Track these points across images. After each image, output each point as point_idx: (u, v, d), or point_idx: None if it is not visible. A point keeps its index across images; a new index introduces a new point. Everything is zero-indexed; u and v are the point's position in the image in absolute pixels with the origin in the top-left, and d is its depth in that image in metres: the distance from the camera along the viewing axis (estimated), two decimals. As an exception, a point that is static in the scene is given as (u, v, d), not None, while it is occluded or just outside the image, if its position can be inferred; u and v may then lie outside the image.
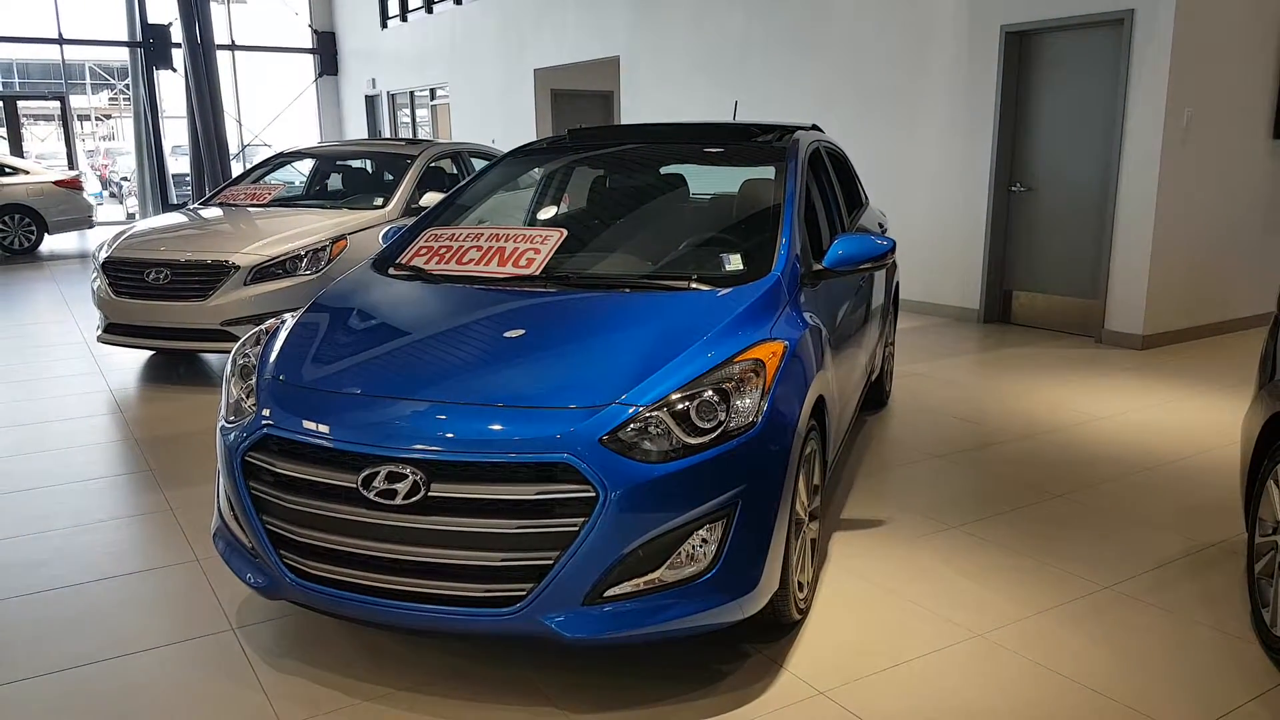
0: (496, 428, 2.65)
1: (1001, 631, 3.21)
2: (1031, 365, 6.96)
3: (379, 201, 7.36)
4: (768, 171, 4.05)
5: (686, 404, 2.71)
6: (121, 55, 19.74)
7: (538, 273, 3.53)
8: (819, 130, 4.93)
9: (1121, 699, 2.83)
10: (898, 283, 6.06)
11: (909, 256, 8.74)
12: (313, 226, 6.77)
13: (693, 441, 2.67)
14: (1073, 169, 7.83)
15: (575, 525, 2.56)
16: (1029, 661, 3.03)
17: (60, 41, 17.91)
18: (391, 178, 7.81)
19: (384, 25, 18.71)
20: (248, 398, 3.02)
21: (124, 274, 6.52)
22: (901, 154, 8.96)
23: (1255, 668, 3.01)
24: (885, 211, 7.34)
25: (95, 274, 6.71)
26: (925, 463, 4.91)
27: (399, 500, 2.61)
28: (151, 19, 17.52)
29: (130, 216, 19.31)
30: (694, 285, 3.35)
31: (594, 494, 2.55)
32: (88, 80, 34.08)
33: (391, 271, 3.78)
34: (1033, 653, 3.08)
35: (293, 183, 8.67)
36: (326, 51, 20.86)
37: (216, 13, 17.44)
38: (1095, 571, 3.67)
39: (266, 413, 2.89)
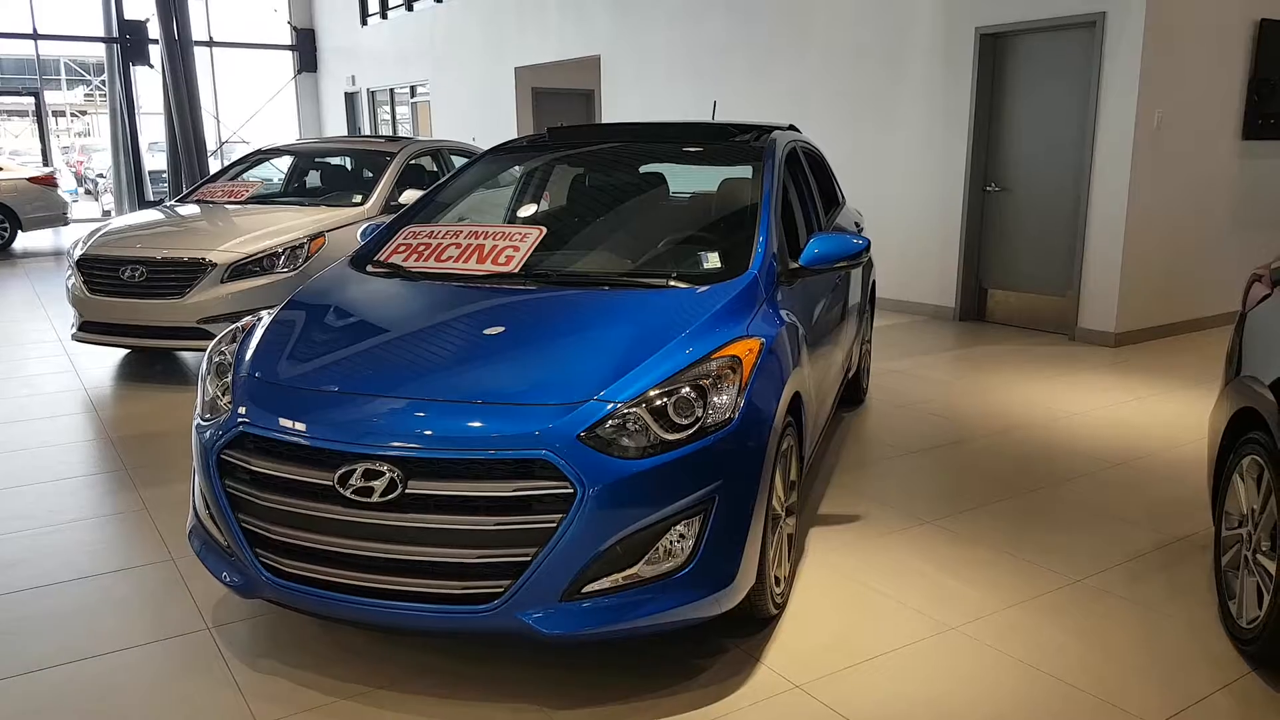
0: (474, 425, 2.66)
1: (975, 624, 3.25)
2: (1006, 362, 7.02)
3: (358, 199, 7.34)
4: (745, 171, 4.07)
5: (664, 400, 2.72)
6: (97, 51, 19.57)
7: (517, 270, 3.54)
8: (796, 130, 4.96)
9: (1092, 690, 2.87)
10: (874, 281, 6.10)
11: (885, 255, 8.79)
12: (291, 224, 6.74)
13: (670, 438, 2.68)
14: (1046, 169, 7.90)
15: (553, 521, 2.57)
16: (1002, 654, 3.07)
17: (35, 37, 17.74)
18: (370, 175, 7.80)
19: (364, 22, 18.64)
20: (223, 396, 3.02)
21: (99, 271, 6.47)
22: (878, 154, 9.01)
23: (1223, 658, 3.05)
24: (862, 211, 7.38)
25: (70, 271, 6.67)
26: (901, 459, 4.95)
27: (376, 498, 2.61)
28: (128, 14, 17.38)
29: (106, 213, 19.14)
30: (672, 283, 3.38)
31: (572, 490, 2.56)
32: (63, 76, 33.76)
33: (370, 269, 3.77)
34: (1006, 645, 3.12)
35: (271, 180, 8.64)
36: (306, 48, 20.75)
37: (194, 8, 17.27)
38: (1067, 565, 3.72)
39: (242, 411, 2.89)
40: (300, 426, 2.76)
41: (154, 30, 17.16)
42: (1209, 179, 7.93)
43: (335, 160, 8.66)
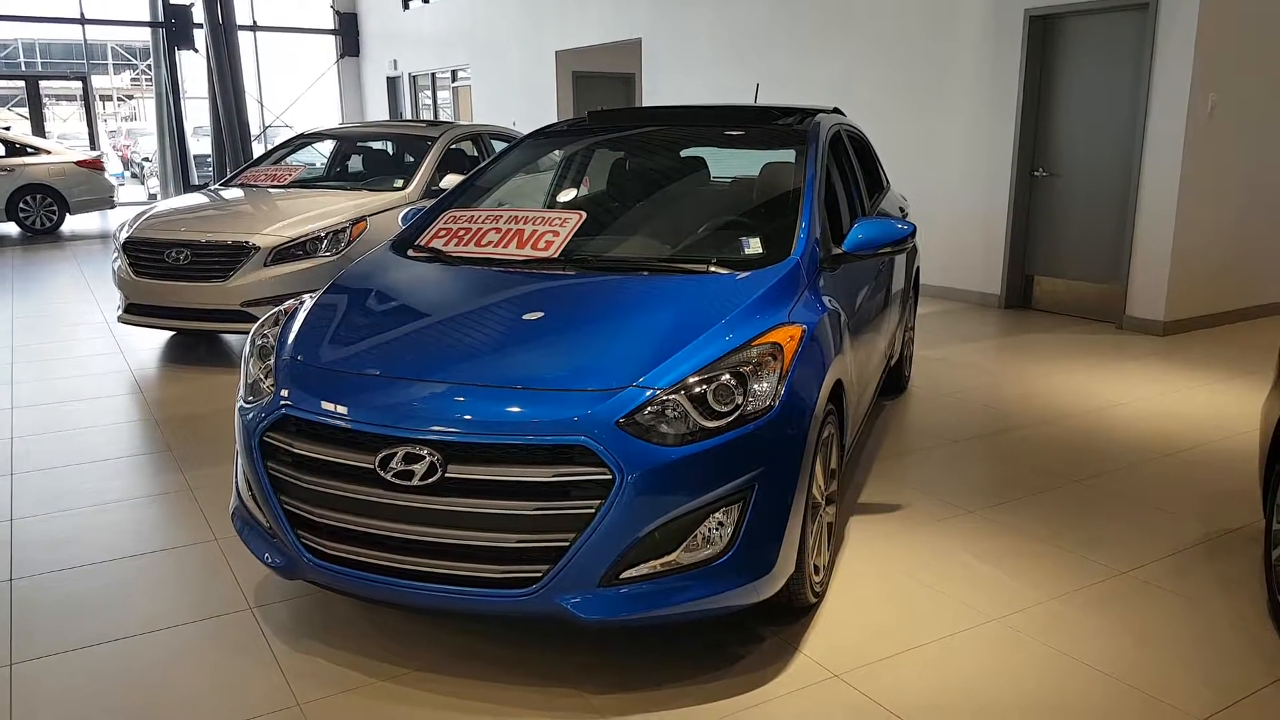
0: (514, 410, 2.66)
1: (1018, 616, 3.21)
2: (1052, 351, 6.92)
3: (399, 183, 7.38)
4: (788, 155, 4.03)
5: (704, 387, 2.70)
6: (143, 35, 19.82)
7: (556, 255, 3.53)
8: (840, 113, 4.90)
9: (1137, 684, 2.82)
10: (918, 267, 6.03)
11: (930, 241, 8.69)
12: (333, 208, 6.79)
13: (710, 425, 2.67)
14: (1096, 154, 7.75)
15: (592, 507, 2.56)
16: (1045, 646, 3.03)
17: (82, 21, 17.97)
18: (412, 159, 7.82)
19: (406, 6, 18.69)
20: (266, 378, 3.04)
21: (144, 254, 6.56)
22: (924, 138, 8.90)
23: (1272, 653, 2.99)
24: (906, 195, 7.29)
25: (116, 254, 6.76)
26: (944, 447, 4.89)
27: (416, 481, 2.62)
28: (173, -1, 17.57)
29: (151, 197, 19.39)
30: (713, 269, 3.35)
31: (611, 476, 2.55)
32: (110, 60, 34.23)
33: (411, 253, 3.78)
34: (1049, 638, 3.08)
35: (313, 164, 8.70)
36: (348, 32, 20.86)
37: (238, -7, 17.45)
38: (1113, 557, 3.66)
39: (285, 393, 2.91)
40: (342, 409, 2.77)
41: (199, 14, 17.32)
42: (1263, 165, 7.75)
43: (377, 145, 8.71)
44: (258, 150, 17.68)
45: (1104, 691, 2.80)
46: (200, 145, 19.73)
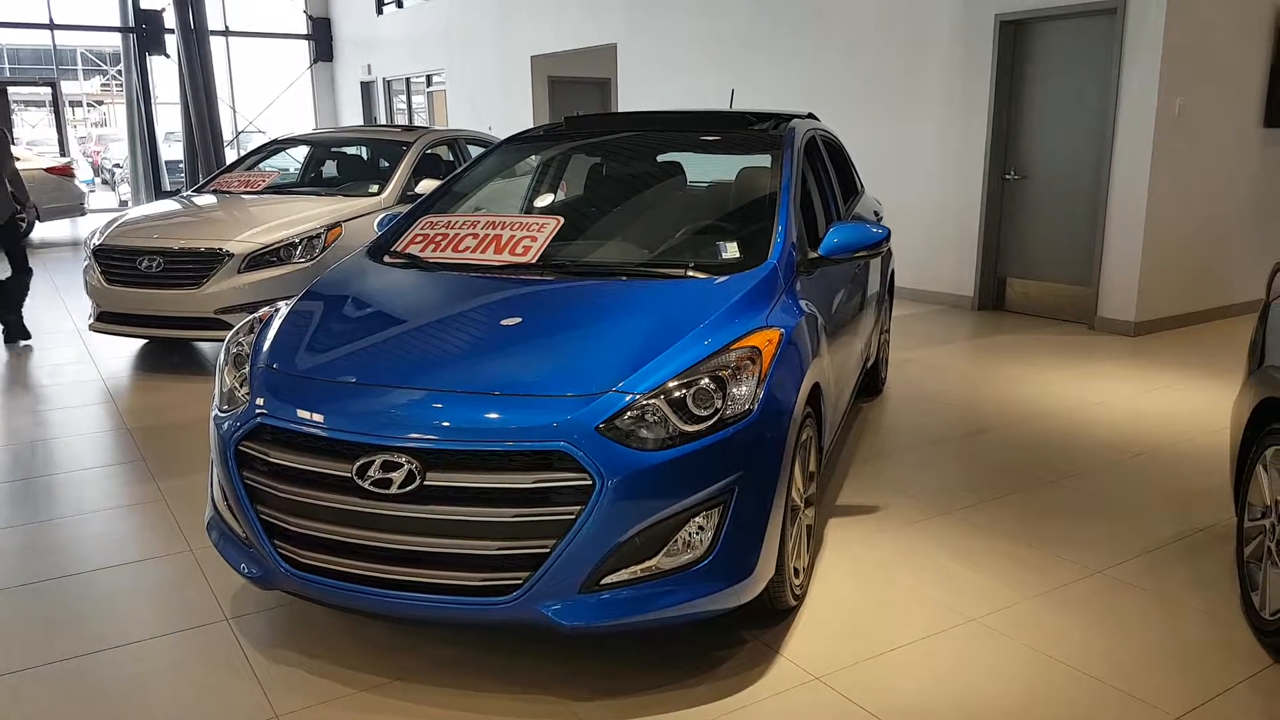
0: (493, 416, 2.65)
1: (995, 616, 3.23)
2: (1025, 352, 6.97)
3: (374, 189, 7.34)
4: (764, 160, 4.05)
5: (683, 392, 2.71)
6: (114, 41, 19.59)
7: (534, 261, 3.52)
8: (815, 119, 4.93)
9: (1113, 682, 2.85)
10: (893, 270, 6.07)
11: (904, 244, 8.75)
12: (307, 214, 6.75)
13: (689, 429, 2.67)
14: (1066, 157, 7.84)
15: (572, 513, 2.56)
16: (1022, 645, 3.05)
17: (51, 26, 17.78)
18: (387, 165, 7.79)
19: (379, 11, 18.62)
20: (241, 386, 3.02)
21: (116, 262, 6.49)
22: (897, 142, 8.95)
23: (1245, 651, 3.03)
24: (880, 199, 7.33)
25: (87, 261, 6.69)
26: (920, 449, 4.92)
27: (394, 489, 2.61)
28: (144, 4, 17.38)
29: (123, 204, 19.22)
30: (690, 273, 3.36)
31: (590, 482, 2.55)
32: (79, 66, 33.88)
33: (387, 259, 3.77)
34: (1025, 637, 3.10)
35: (287, 170, 8.64)
36: (322, 37, 20.74)
37: (209, -2, 17.31)
38: (1087, 556, 3.69)
39: (260, 402, 2.89)
40: (318, 418, 2.76)
41: (170, 19, 17.18)
42: (1230, 167, 7.85)
43: (351, 150, 8.67)
44: (230, 156, 17.55)
45: (1081, 690, 2.82)
46: (172, 151, 19.56)
